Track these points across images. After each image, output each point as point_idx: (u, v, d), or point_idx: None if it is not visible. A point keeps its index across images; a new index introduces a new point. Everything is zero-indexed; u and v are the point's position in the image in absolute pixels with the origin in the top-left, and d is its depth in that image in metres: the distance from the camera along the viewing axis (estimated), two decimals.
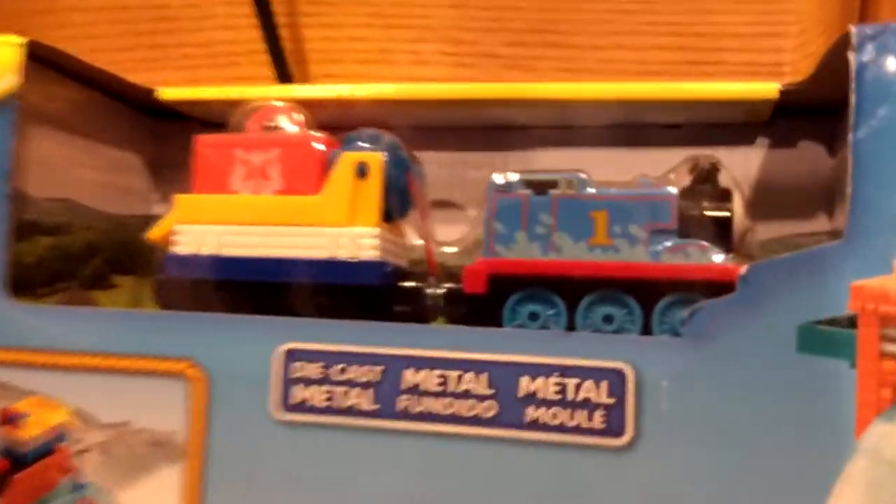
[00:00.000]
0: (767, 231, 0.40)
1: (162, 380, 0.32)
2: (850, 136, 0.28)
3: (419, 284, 0.36)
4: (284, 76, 0.53)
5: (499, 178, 0.35)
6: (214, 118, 0.42)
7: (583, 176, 0.35)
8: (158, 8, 0.56)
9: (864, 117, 0.28)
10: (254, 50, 0.55)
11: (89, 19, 0.58)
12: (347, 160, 0.36)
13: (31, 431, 0.32)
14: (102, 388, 0.32)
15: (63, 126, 0.39)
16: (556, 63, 0.51)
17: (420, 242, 0.39)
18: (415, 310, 0.36)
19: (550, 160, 0.43)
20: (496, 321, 0.34)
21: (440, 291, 0.36)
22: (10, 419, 0.32)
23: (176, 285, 0.37)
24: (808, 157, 0.39)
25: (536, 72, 0.51)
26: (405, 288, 0.36)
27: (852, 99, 0.28)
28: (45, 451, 0.32)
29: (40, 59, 0.37)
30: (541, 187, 0.35)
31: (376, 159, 0.36)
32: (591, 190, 0.34)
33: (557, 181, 0.35)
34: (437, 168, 0.44)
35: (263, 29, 0.53)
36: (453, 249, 0.37)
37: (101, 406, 0.32)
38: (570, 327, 0.34)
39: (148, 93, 0.43)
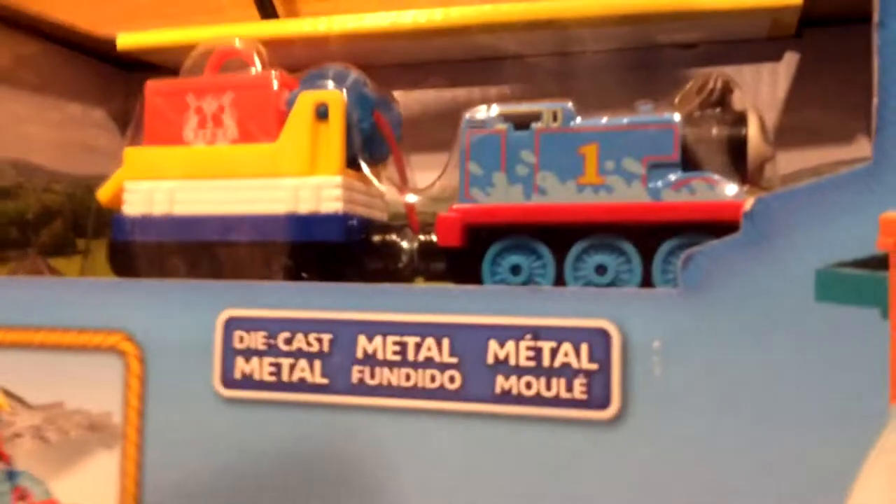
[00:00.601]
0: (801, 159, 0.35)
1: (95, 355, 0.28)
2: (875, 37, 0.22)
3: (391, 238, 0.32)
4: (267, 10, 0.49)
5: (473, 113, 0.31)
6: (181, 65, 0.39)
7: (569, 105, 0.30)
8: None
9: (891, 12, 0.22)
10: None
11: None
12: (305, 101, 0.32)
13: None
14: (32, 366, 0.29)
15: (6, 80, 0.36)
16: None
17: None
18: (388, 267, 0.32)
19: (549, 93, 0.38)
20: (478, 275, 0.30)
21: (415, 245, 0.32)
22: None
23: (129, 249, 0.34)
24: (843, 71, 0.33)
25: None
26: (376, 243, 0.32)
27: None
28: None
29: None
30: (521, 121, 0.30)
31: (337, 98, 0.32)
32: (579, 121, 0.30)
33: (540, 113, 0.30)
34: (424, 107, 0.40)
35: None
36: (413, 198, 0.33)
37: (31, 386, 0.29)
38: (560, 281, 0.29)
39: (111, 42, 0.40)
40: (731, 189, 0.28)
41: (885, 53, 0.23)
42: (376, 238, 0.32)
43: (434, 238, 0.31)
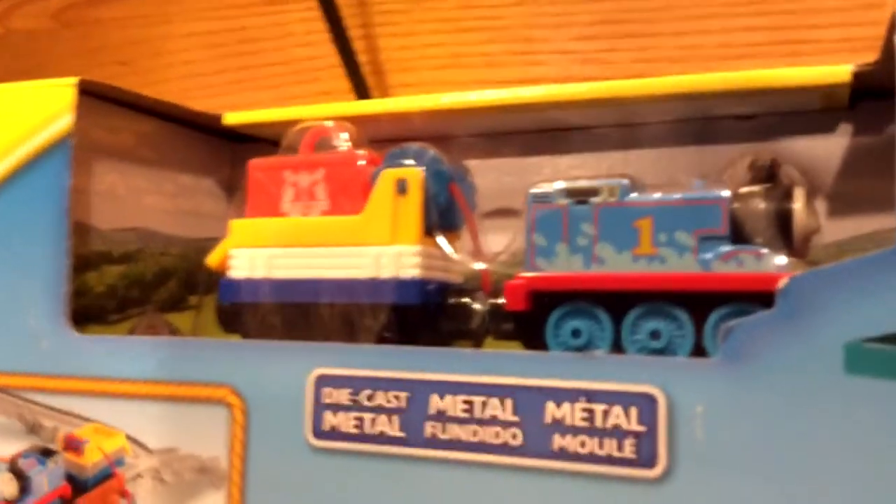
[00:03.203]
0: (856, 226, 0.36)
1: (205, 406, 0.32)
2: None
3: (465, 301, 0.35)
4: (361, 88, 0.54)
5: (538, 189, 0.34)
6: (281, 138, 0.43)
7: (625, 182, 0.32)
8: (241, 30, 0.58)
9: None
10: (333, 64, 0.56)
11: (181, 46, 0.60)
12: (387, 178, 0.36)
13: (92, 458, 0.33)
14: (152, 414, 0.33)
15: (129, 157, 0.41)
16: (632, 54, 0.48)
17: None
18: (461, 328, 0.35)
19: (613, 162, 0.41)
20: (542, 337, 0.33)
21: (486, 308, 0.35)
22: (73, 446, 0.33)
23: (235, 309, 0.38)
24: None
25: (611, 65, 0.48)
26: (451, 305, 0.35)
27: None
28: (104, 476, 0.33)
29: (99, 97, 0.38)
30: (581, 196, 0.33)
31: (415, 175, 0.35)
32: (635, 196, 0.32)
33: (599, 189, 0.33)
34: (500, 175, 0.43)
35: (337, 43, 0.53)
36: (478, 265, 0.36)
37: (151, 432, 0.33)
38: (617, 344, 0.32)
39: (217, 119, 0.44)
40: (777, 261, 0.30)
41: None
42: (451, 300, 0.36)
43: (503, 301, 0.34)
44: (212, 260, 0.38)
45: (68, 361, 0.35)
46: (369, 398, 0.30)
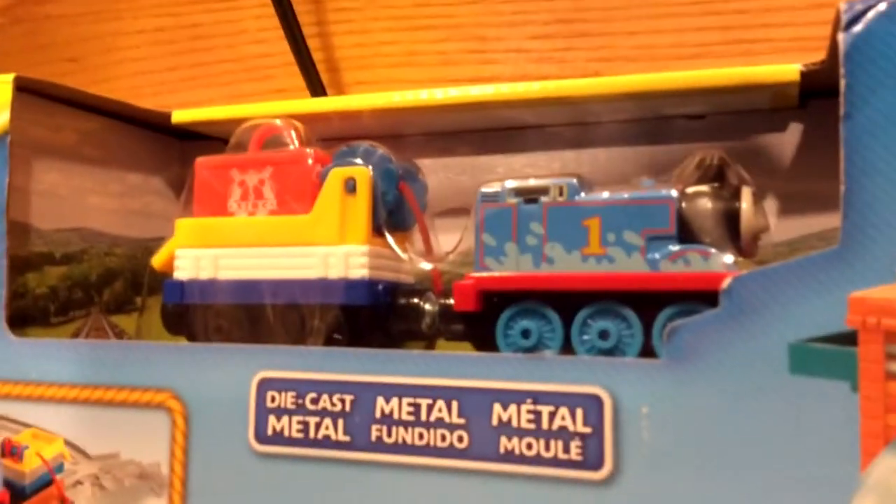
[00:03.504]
0: (807, 225, 0.36)
1: (146, 411, 0.32)
2: (841, 128, 0.24)
3: (415, 302, 0.35)
4: (315, 86, 0.53)
5: (487, 188, 0.33)
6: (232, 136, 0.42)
7: (574, 181, 0.32)
8: (193, 27, 0.57)
9: (856, 105, 0.24)
10: (288, 62, 0.55)
11: (132, 43, 0.59)
12: (335, 177, 0.35)
13: (30, 464, 0.32)
14: (92, 420, 0.32)
15: (72, 156, 0.40)
16: (587, 53, 0.48)
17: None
18: (412, 329, 0.35)
19: (566, 161, 0.41)
20: (492, 337, 0.33)
21: (436, 309, 0.35)
22: (11, 451, 0.33)
23: (180, 311, 0.37)
24: None
25: (566, 63, 0.48)
26: (401, 306, 0.35)
27: (842, 84, 0.25)
28: (43, 483, 0.32)
29: (40, 94, 0.37)
30: (530, 195, 0.33)
31: (364, 174, 0.35)
32: (584, 196, 0.32)
33: (548, 188, 0.32)
34: (453, 174, 0.43)
35: (290, 41, 0.52)
36: (425, 266, 0.36)
37: (90, 438, 0.32)
38: (568, 343, 0.32)
39: (166, 116, 0.43)
40: (725, 260, 0.30)
41: (849, 144, 0.25)
42: (401, 301, 0.35)
43: (452, 302, 0.34)
44: (156, 261, 0.38)
45: (5, 365, 0.34)
46: (314, 401, 0.30)
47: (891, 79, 0.24)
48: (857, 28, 0.25)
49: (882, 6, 0.25)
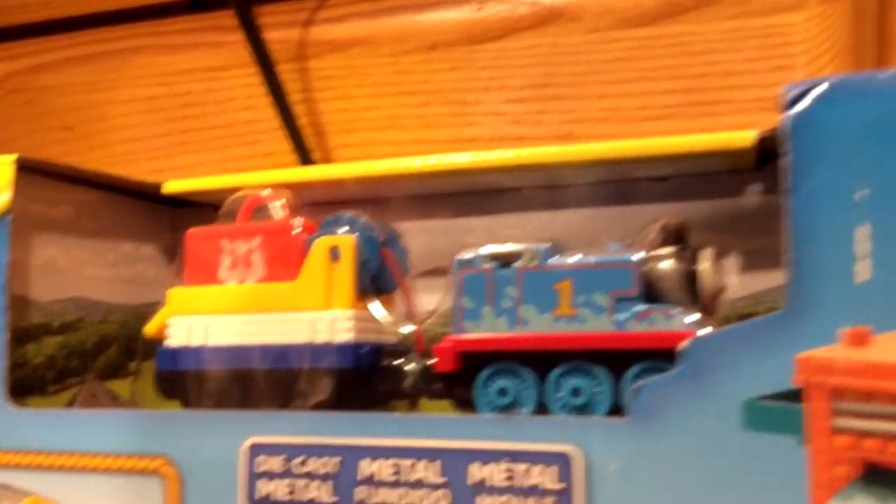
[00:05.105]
0: (765, 281, 0.38)
1: (140, 477, 0.33)
2: (787, 200, 0.26)
3: (398, 363, 0.37)
4: (301, 149, 0.55)
5: (463, 255, 0.35)
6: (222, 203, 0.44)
7: (546, 246, 0.34)
8: (183, 95, 0.59)
9: (800, 179, 0.26)
10: (275, 127, 0.57)
11: (124, 111, 0.61)
12: (321, 245, 0.37)
13: None
14: (87, 486, 0.34)
15: (69, 229, 0.42)
16: (560, 115, 0.50)
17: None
18: (395, 389, 0.36)
19: (540, 222, 0.42)
20: (471, 396, 0.34)
21: (418, 369, 0.36)
22: None
23: (173, 376, 0.38)
24: None
25: (540, 125, 0.50)
26: (385, 367, 0.37)
27: (786, 161, 0.27)
28: None
29: (38, 171, 0.39)
30: (505, 260, 0.34)
31: (348, 242, 0.37)
32: (555, 260, 0.34)
33: (521, 253, 0.34)
34: (433, 237, 0.45)
35: (278, 107, 0.55)
36: (407, 328, 0.37)
37: None
38: (542, 401, 0.33)
39: (157, 187, 0.45)
40: (687, 319, 0.32)
41: (795, 216, 0.27)
42: (385, 362, 0.37)
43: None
44: (150, 329, 0.39)
45: (5, 435, 0.35)
46: (302, 464, 0.31)
47: (830, 155, 0.26)
48: (799, 108, 0.27)
49: (821, 88, 0.27)
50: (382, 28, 0.55)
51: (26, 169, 0.38)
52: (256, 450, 0.32)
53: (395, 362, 0.37)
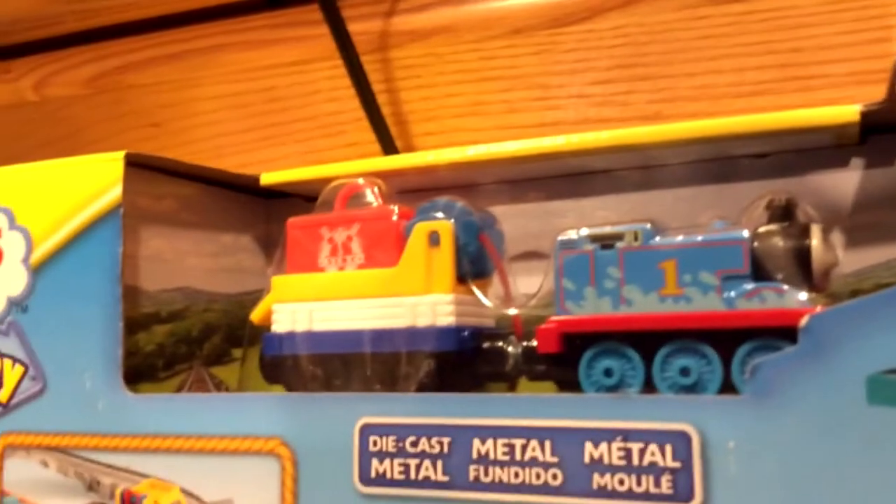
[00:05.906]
0: (871, 257, 0.38)
1: (256, 458, 0.34)
2: None
3: (499, 345, 0.37)
4: (385, 139, 0.56)
5: (564, 236, 0.35)
6: (316, 194, 0.45)
7: (647, 226, 0.34)
8: (268, 90, 0.61)
9: None
10: (358, 117, 0.58)
11: (210, 107, 0.63)
12: (420, 231, 0.37)
13: None
14: (206, 468, 0.35)
15: (173, 221, 0.43)
16: (648, 95, 0.50)
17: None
18: (496, 371, 0.37)
19: (634, 203, 0.42)
20: (574, 377, 0.34)
21: (519, 351, 0.36)
22: (130, 501, 0.35)
23: (277, 362, 0.39)
24: None
25: (628, 106, 0.50)
26: (485, 350, 0.37)
27: None
28: None
29: (144, 167, 0.41)
30: (606, 241, 0.34)
31: (446, 227, 0.37)
32: (658, 240, 0.34)
33: (623, 234, 0.34)
34: (526, 220, 0.45)
35: (361, 97, 0.55)
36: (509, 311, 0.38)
37: (206, 485, 0.35)
38: (649, 380, 0.33)
39: (254, 179, 0.46)
40: (798, 296, 0.31)
41: None
42: (486, 345, 0.37)
43: (535, 344, 0.36)
44: (255, 316, 0.40)
45: (123, 421, 0.36)
46: (413, 444, 0.32)
47: None
48: None
49: None
50: (465, 15, 0.55)
51: (133, 164, 0.40)
52: (368, 430, 0.33)
53: (496, 345, 0.37)
